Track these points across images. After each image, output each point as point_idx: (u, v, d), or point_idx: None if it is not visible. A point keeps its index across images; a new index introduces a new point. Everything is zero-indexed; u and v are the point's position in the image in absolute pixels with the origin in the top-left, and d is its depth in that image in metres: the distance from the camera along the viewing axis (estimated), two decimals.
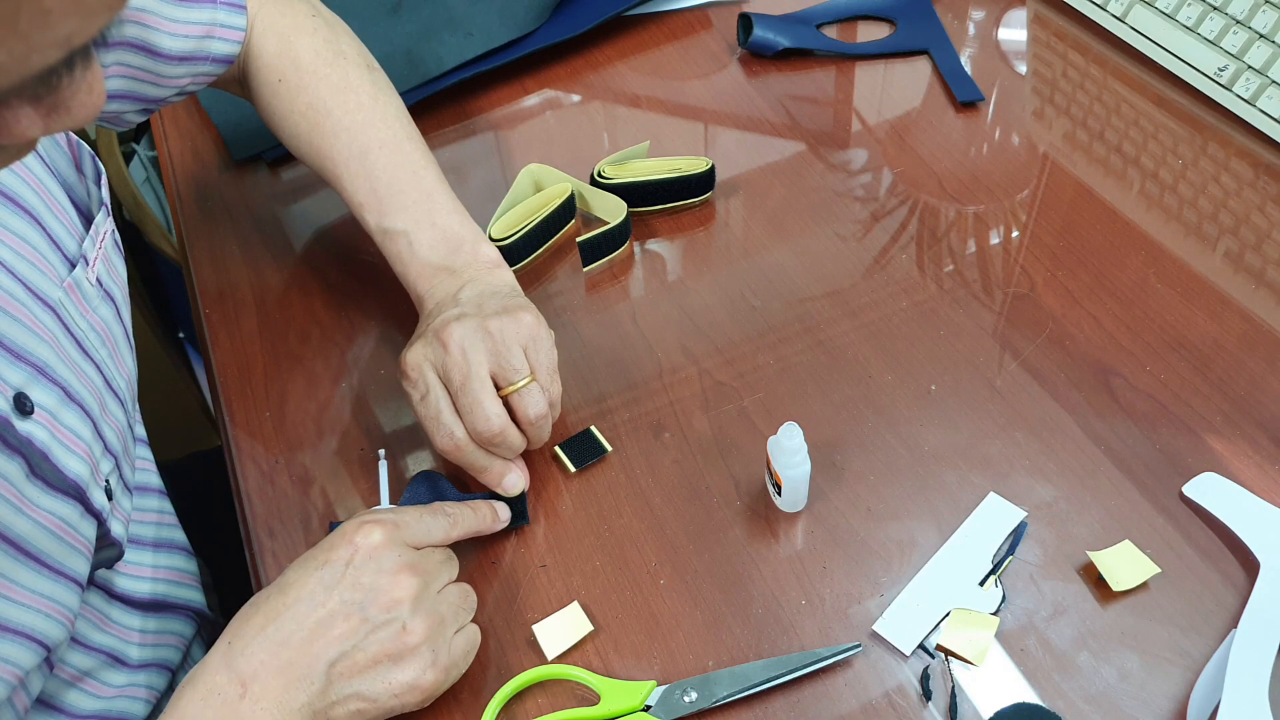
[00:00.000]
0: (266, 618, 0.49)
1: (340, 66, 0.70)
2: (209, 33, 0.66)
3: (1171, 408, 0.62)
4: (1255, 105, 0.77)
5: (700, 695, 0.52)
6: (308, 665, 0.48)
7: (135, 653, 0.62)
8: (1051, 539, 0.57)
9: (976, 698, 0.51)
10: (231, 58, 0.68)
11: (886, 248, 0.73)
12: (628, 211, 0.73)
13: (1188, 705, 0.50)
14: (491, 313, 0.59)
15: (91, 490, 0.53)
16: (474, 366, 0.57)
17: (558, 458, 0.63)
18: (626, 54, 0.91)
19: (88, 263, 0.55)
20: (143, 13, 0.62)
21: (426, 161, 0.68)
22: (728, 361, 0.67)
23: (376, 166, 0.67)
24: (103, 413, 0.55)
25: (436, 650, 0.50)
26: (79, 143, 0.57)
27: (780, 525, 0.59)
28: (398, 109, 0.70)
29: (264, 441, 0.66)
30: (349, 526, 0.52)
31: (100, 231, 0.57)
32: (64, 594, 0.51)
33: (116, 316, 0.58)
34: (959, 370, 0.65)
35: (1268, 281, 0.68)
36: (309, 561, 0.51)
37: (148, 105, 0.68)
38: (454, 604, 0.53)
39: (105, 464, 0.55)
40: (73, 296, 0.53)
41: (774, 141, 0.82)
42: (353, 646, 0.49)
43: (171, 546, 0.68)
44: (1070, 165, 0.78)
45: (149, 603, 0.64)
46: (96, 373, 0.55)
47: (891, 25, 0.91)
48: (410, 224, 0.65)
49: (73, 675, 0.57)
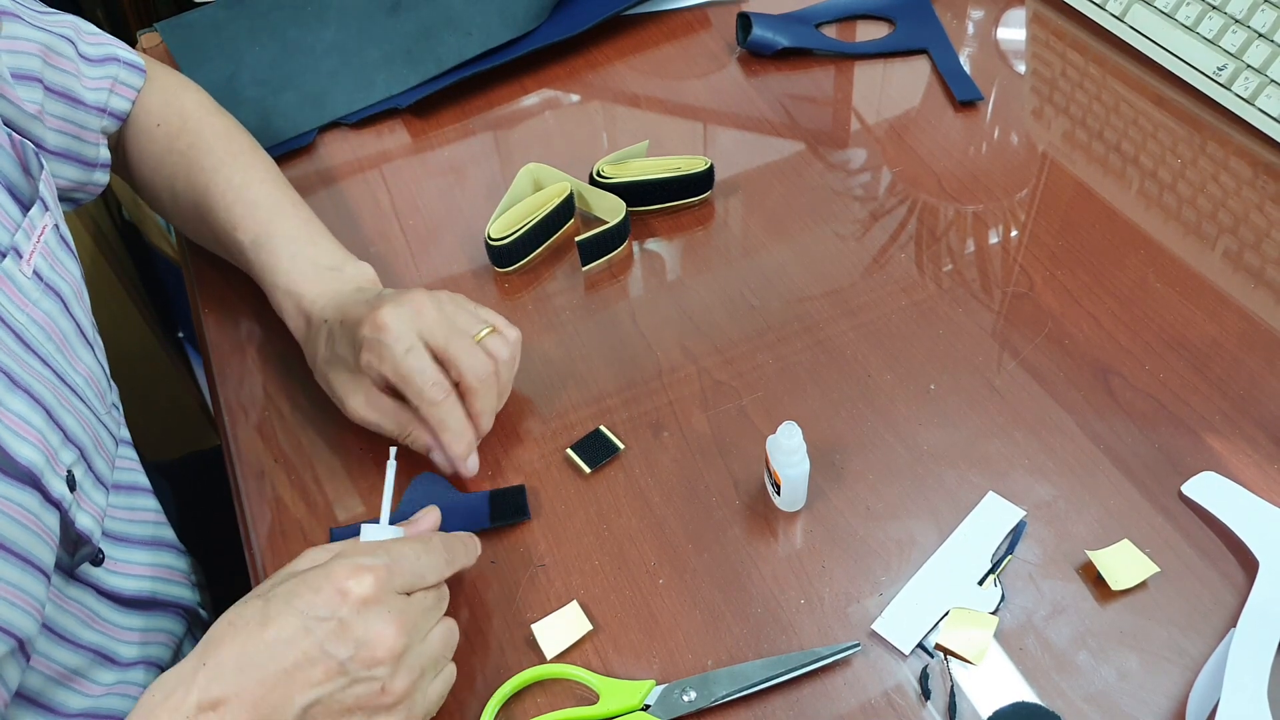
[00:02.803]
0: (243, 648, 0.47)
1: (224, 118, 0.74)
2: (112, 88, 0.71)
3: (1170, 407, 0.62)
4: (1254, 104, 0.77)
5: (699, 694, 0.52)
6: (279, 704, 0.46)
7: (125, 650, 0.62)
8: (1050, 538, 0.57)
9: (975, 697, 0.51)
10: (125, 114, 0.72)
11: (885, 247, 0.73)
12: (627, 211, 0.73)
13: (1186, 704, 0.50)
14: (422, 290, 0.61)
15: (48, 479, 0.53)
16: (452, 319, 0.59)
17: (570, 460, 0.63)
18: (625, 54, 0.91)
19: (20, 255, 0.55)
20: (66, 59, 0.67)
21: (305, 206, 0.70)
22: (727, 361, 0.67)
23: (259, 195, 0.69)
24: (59, 403, 0.55)
25: (412, 706, 0.49)
26: (22, 142, 0.58)
27: (779, 524, 0.59)
28: (277, 170, 0.73)
29: (263, 441, 0.66)
30: (340, 569, 0.49)
31: (37, 226, 0.57)
32: (30, 583, 0.51)
33: (64, 312, 0.58)
34: (958, 369, 0.65)
35: (1267, 280, 0.68)
36: (293, 597, 0.48)
37: (85, 169, 0.70)
38: (435, 654, 0.51)
39: (66, 454, 0.55)
40: (4, 288, 0.53)
41: (773, 141, 0.82)
42: (328, 694, 0.47)
43: (161, 545, 0.68)
44: (1069, 164, 0.78)
45: (139, 600, 0.64)
46: (44, 366, 0.55)
47: (890, 25, 0.91)
48: (291, 236, 0.67)
49: (61, 673, 0.57)
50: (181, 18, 0.96)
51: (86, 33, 0.70)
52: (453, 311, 0.60)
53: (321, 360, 0.62)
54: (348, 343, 0.60)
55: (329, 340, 0.62)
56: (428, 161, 0.83)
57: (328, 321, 0.62)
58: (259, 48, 0.91)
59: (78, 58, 0.68)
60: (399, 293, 0.60)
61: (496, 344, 0.61)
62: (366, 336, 0.58)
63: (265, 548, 0.61)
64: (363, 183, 0.82)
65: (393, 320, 0.58)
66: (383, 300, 0.59)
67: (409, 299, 0.59)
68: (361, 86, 0.88)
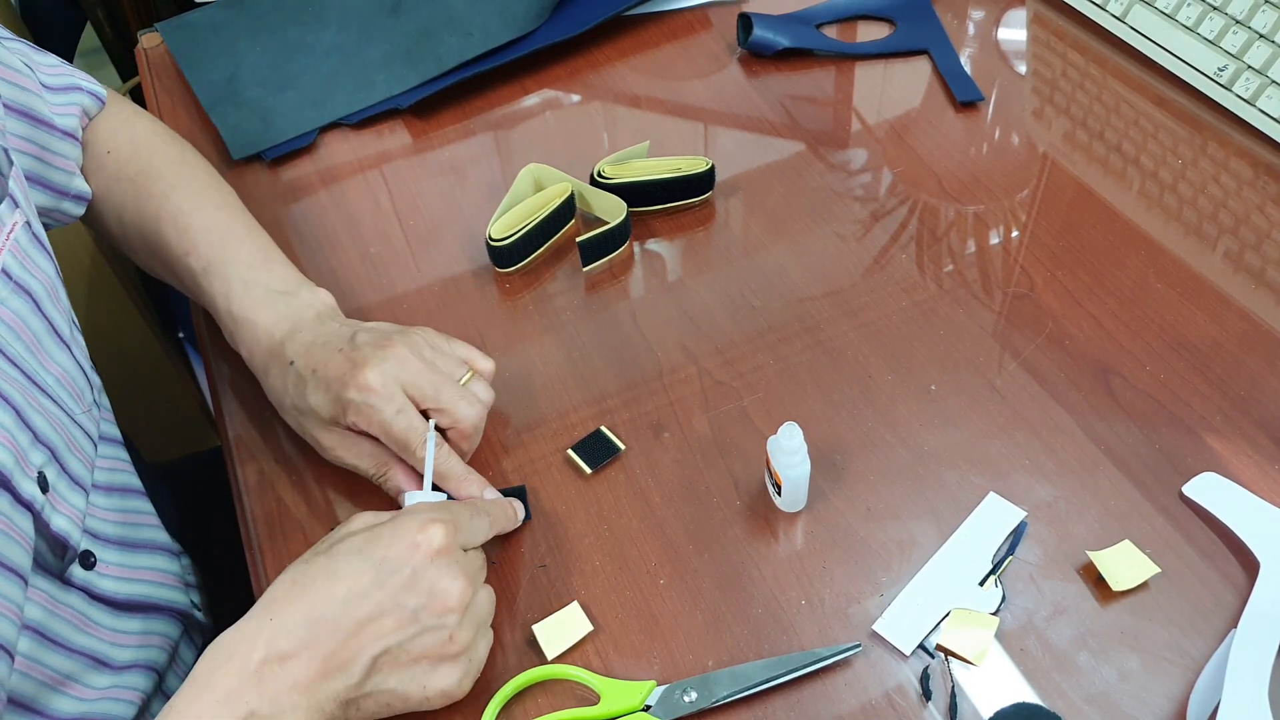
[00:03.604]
0: (313, 603, 0.48)
1: (177, 145, 0.73)
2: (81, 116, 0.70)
3: (1171, 407, 0.62)
4: (1255, 105, 0.77)
5: (700, 695, 0.52)
6: (349, 657, 0.47)
7: (119, 654, 0.62)
8: (1051, 539, 0.57)
9: (976, 697, 0.51)
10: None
11: (886, 247, 0.73)
12: (627, 211, 0.73)
13: (1187, 705, 0.50)
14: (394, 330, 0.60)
15: (18, 480, 0.53)
16: (434, 366, 0.59)
17: (571, 460, 0.63)
18: (626, 54, 0.91)
19: None
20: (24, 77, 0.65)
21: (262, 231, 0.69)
22: (727, 361, 0.67)
23: (212, 220, 0.67)
24: (29, 403, 0.55)
25: (471, 659, 0.51)
26: None
27: (780, 525, 0.59)
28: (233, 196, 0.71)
29: (263, 442, 0.66)
30: (410, 523, 0.50)
31: (6, 223, 0.56)
32: (4, 586, 0.51)
33: (36, 311, 0.57)
34: (959, 370, 0.65)
35: (1267, 281, 0.68)
36: (364, 553, 0.49)
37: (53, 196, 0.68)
38: (486, 612, 0.53)
39: (36, 455, 0.55)
40: None
41: (774, 141, 0.82)
42: (398, 644, 0.48)
43: (153, 547, 0.68)
44: (1070, 165, 0.78)
45: (131, 604, 0.63)
46: (12, 365, 0.54)
47: (891, 25, 0.91)
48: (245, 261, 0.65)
49: (54, 678, 0.57)
50: (181, 18, 0.96)
51: (44, 64, 0.68)
52: (432, 357, 0.59)
53: (290, 406, 0.61)
54: (324, 397, 0.58)
55: (297, 386, 0.59)
56: (428, 162, 0.83)
57: (294, 364, 0.60)
58: (259, 48, 0.91)
59: (39, 86, 0.66)
60: (376, 345, 0.58)
61: (480, 388, 0.60)
62: (354, 400, 0.57)
63: (265, 548, 0.61)
64: (363, 183, 0.82)
65: (378, 381, 0.57)
66: (364, 358, 0.57)
67: (390, 353, 0.57)
68: (362, 86, 0.88)
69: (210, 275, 0.64)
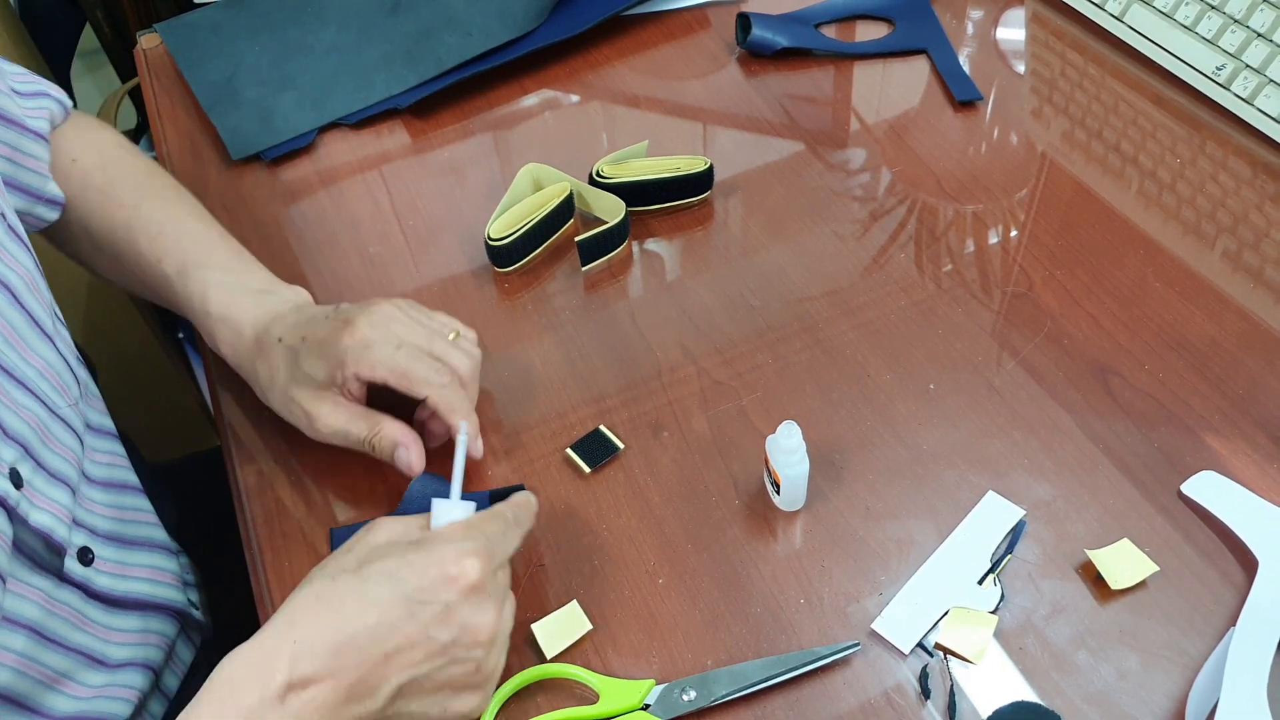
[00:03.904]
0: (339, 627, 0.46)
1: (143, 158, 0.72)
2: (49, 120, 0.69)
3: (1170, 406, 0.62)
4: (1253, 104, 0.77)
5: (699, 694, 0.52)
6: (375, 685, 0.47)
7: (115, 652, 0.62)
8: (1050, 537, 0.57)
9: (975, 696, 0.51)
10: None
11: (885, 247, 0.73)
12: (626, 211, 0.73)
13: (1186, 703, 0.50)
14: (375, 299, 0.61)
15: None
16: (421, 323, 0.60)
17: (570, 460, 0.63)
18: (625, 54, 0.91)
19: None
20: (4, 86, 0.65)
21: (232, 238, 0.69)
22: (726, 361, 0.67)
23: (185, 228, 0.67)
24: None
25: (493, 683, 0.51)
26: None
27: (779, 524, 0.59)
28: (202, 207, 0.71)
29: (263, 442, 0.66)
30: (446, 554, 0.49)
31: None
32: None
33: (14, 304, 0.57)
34: (957, 369, 0.65)
35: (1266, 280, 0.68)
36: (397, 580, 0.48)
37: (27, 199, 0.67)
38: (509, 629, 0.52)
39: (7, 451, 0.54)
40: None
41: (772, 141, 0.82)
42: (425, 674, 0.48)
43: (150, 545, 0.68)
44: (1068, 164, 0.78)
45: (128, 601, 0.63)
46: None
47: (890, 25, 0.92)
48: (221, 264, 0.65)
49: (49, 676, 0.57)
50: (181, 18, 0.96)
51: (12, 71, 0.68)
52: (419, 316, 0.61)
53: (283, 381, 0.61)
54: (318, 360, 0.58)
55: (289, 360, 0.60)
56: (428, 162, 0.83)
57: (283, 340, 0.60)
58: (259, 48, 0.91)
59: (9, 89, 0.66)
60: (363, 306, 0.60)
61: (468, 345, 0.62)
62: (350, 347, 0.57)
63: (264, 548, 0.61)
64: (363, 183, 0.82)
65: (371, 330, 0.58)
66: (352, 314, 0.59)
67: (377, 310, 0.59)
68: (361, 87, 0.88)
69: (186, 278, 0.65)
